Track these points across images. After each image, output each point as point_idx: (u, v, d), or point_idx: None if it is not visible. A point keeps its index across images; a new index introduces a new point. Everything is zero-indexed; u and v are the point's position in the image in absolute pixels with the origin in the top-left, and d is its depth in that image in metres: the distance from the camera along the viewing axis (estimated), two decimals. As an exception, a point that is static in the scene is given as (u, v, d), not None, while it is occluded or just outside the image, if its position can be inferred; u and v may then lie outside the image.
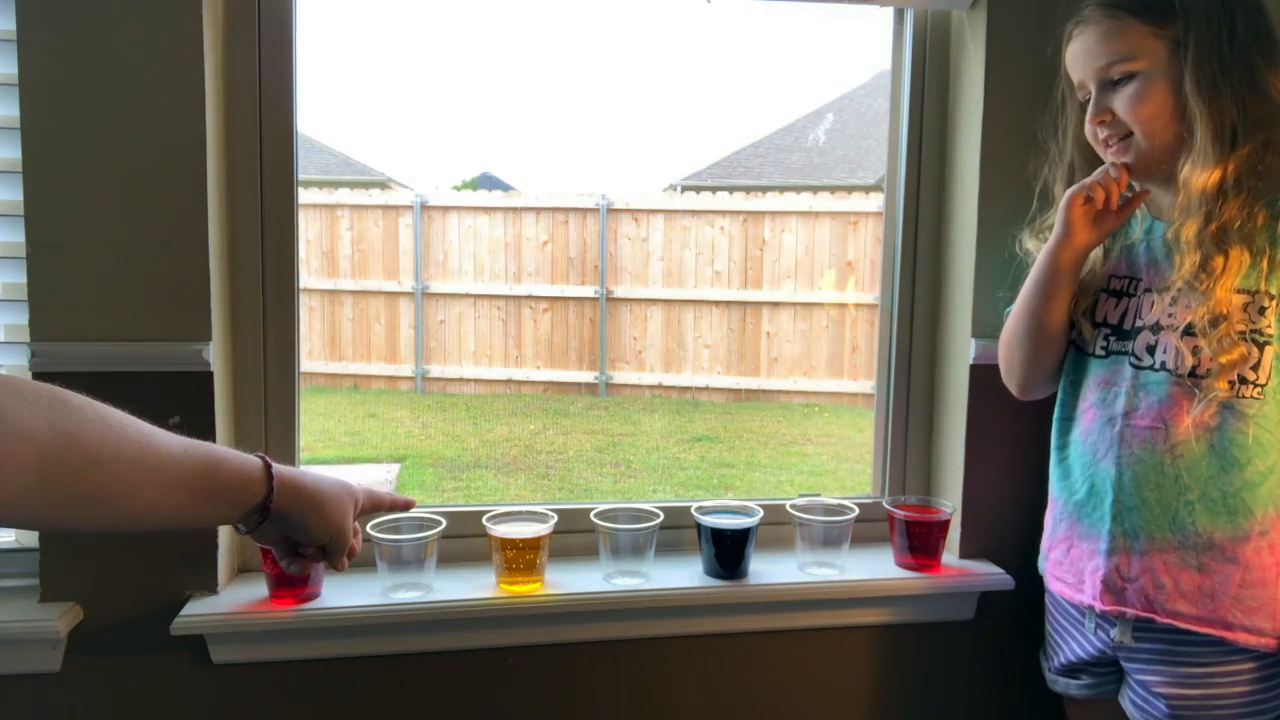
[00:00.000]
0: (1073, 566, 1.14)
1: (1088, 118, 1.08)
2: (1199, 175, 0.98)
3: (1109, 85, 1.05)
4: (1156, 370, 1.06)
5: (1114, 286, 1.13)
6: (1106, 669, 1.16)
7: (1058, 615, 1.22)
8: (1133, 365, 1.08)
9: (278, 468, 0.76)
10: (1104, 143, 1.08)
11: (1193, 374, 1.02)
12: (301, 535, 0.80)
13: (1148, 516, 1.05)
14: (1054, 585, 1.19)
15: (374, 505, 0.88)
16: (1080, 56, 1.08)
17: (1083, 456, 1.13)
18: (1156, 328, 1.06)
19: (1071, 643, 1.19)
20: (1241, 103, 0.98)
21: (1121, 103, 1.04)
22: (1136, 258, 1.12)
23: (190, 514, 0.70)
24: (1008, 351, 1.22)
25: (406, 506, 0.94)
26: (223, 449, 0.73)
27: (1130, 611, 1.06)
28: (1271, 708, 1.03)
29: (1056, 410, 1.20)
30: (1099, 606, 1.09)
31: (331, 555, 0.83)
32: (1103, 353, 1.12)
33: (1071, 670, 1.20)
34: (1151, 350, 1.06)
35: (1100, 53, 1.05)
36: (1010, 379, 1.24)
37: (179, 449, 0.68)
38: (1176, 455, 1.03)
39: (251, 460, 0.75)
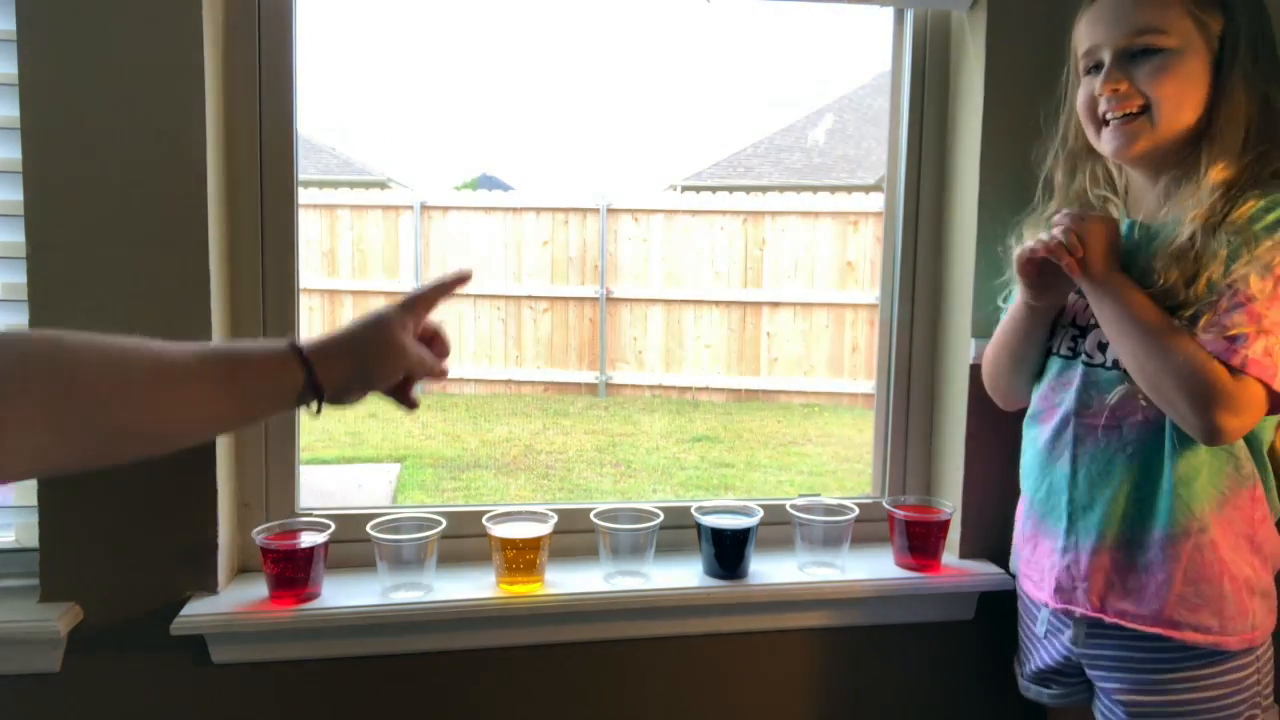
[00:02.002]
0: (1038, 564, 1.15)
1: (1097, 85, 1.03)
2: (1219, 169, 0.97)
3: (1128, 56, 1.01)
4: (1108, 368, 1.06)
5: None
6: (1075, 678, 1.16)
7: (1027, 620, 1.23)
8: (1085, 363, 1.08)
9: (308, 344, 0.73)
10: (1100, 119, 1.04)
11: None
12: (379, 385, 0.77)
13: (1099, 515, 1.06)
14: (1024, 584, 1.20)
15: (424, 308, 0.82)
16: (1103, 20, 1.02)
17: (1040, 455, 1.14)
18: None
19: (1041, 649, 1.19)
20: (1259, 110, 0.99)
21: (1145, 74, 0.99)
22: None
23: (235, 416, 0.69)
24: (992, 371, 1.23)
25: (458, 281, 0.85)
26: (244, 344, 0.71)
27: (1079, 611, 1.07)
28: (1233, 714, 1.02)
29: (1029, 408, 1.19)
30: (1051, 605, 1.11)
31: (423, 379, 0.79)
32: (1069, 353, 1.12)
33: (1042, 678, 1.20)
34: (1103, 348, 1.06)
35: (1132, 18, 0.99)
36: (995, 394, 1.25)
37: (191, 358, 0.66)
38: (1130, 454, 1.04)
39: (276, 346, 0.72)
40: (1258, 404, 0.94)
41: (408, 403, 0.82)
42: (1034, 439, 1.17)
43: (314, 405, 0.74)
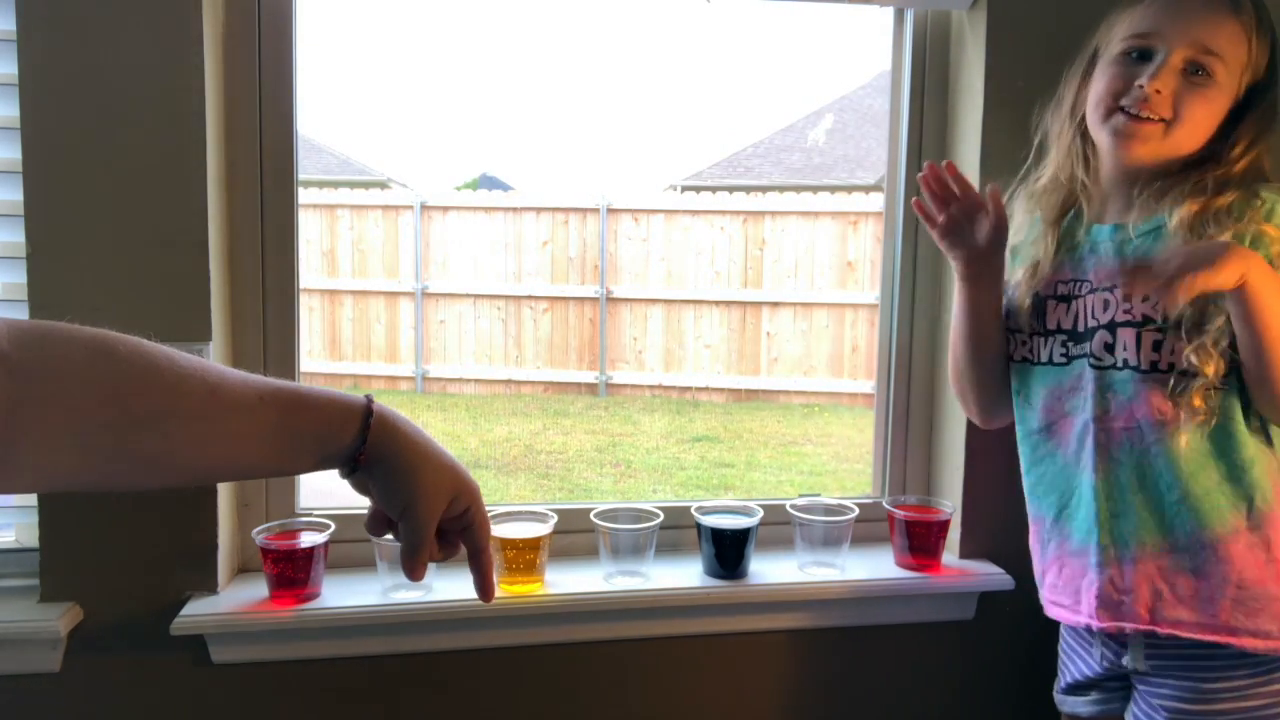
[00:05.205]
0: (1068, 586, 1.09)
1: (1142, 76, 0.99)
2: (1224, 199, 0.98)
3: (1182, 67, 0.99)
4: (1120, 369, 1.03)
5: (1060, 292, 1.10)
6: (1117, 684, 1.12)
7: (1067, 636, 1.18)
8: (1093, 366, 1.05)
9: (382, 410, 0.66)
10: (1117, 106, 1.02)
11: (1155, 368, 1.00)
12: (381, 495, 0.67)
13: (1136, 522, 1.02)
14: (1053, 611, 1.13)
15: (468, 509, 0.72)
16: (1181, 17, 0.99)
17: (1064, 469, 1.10)
18: (1113, 325, 1.03)
19: (1079, 662, 1.15)
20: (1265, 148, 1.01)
21: (1190, 97, 0.98)
22: (1081, 260, 1.09)
23: (273, 464, 0.62)
24: (958, 385, 1.22)
25: (483, 585, 0.75)
26: (315, 391, 0.64)
27: (1130, 626, 1.02)
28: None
29: (1019, 430, 1.16)
30: (1095, 624, 1.04)
31: (404, 544, 0.68)
32: (1063, 359, 1.09)
33: (1079, 688, 1.16)
34: (1110, 348, 1.04)
35: (1208, 34, 0.98)
36: (970, 410, 1.24)
37: (252, 398, 0.59)
38: (1155, 454, 1.00)
39: (347, 398, 0.65)
40: None
41: (404, 566, 0.69)
42: (1047, 453, 1.12)
43: (341, 471, 0.67)
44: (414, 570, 0.69)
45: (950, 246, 1.13)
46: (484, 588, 0.75)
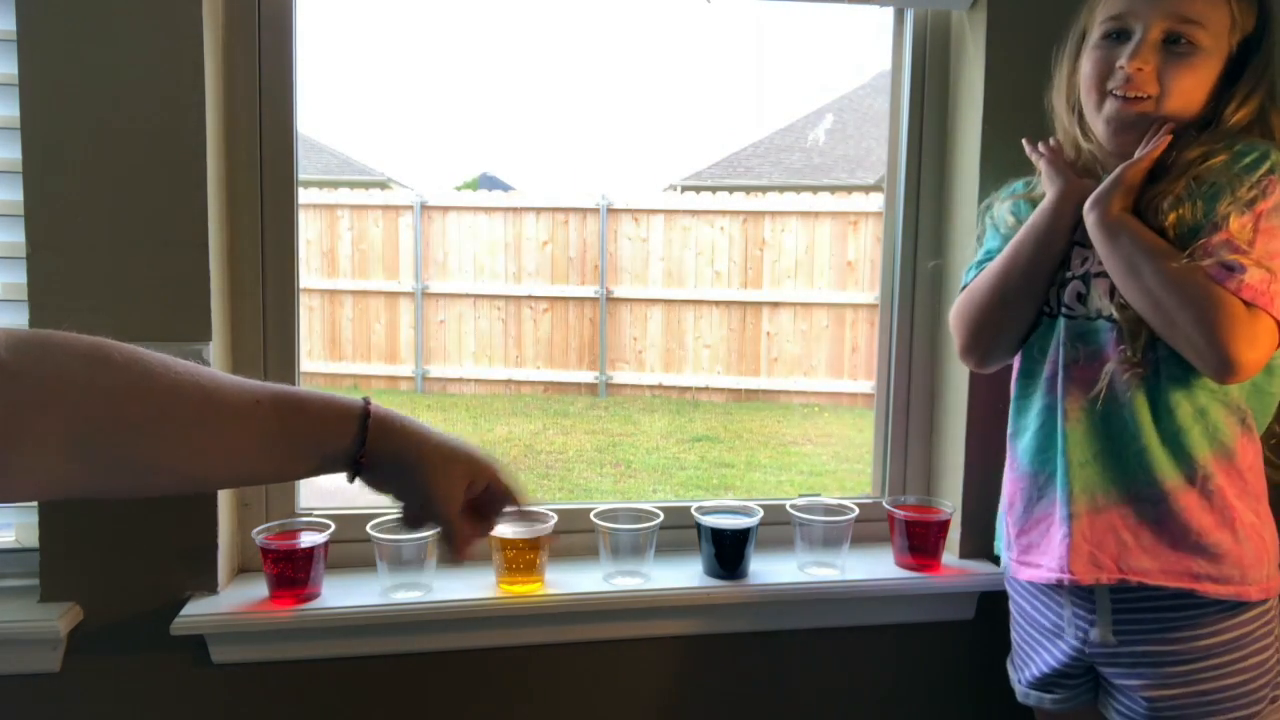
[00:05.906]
0: (1047, 545, 1.08)
1: (1122, 57, 1.00)
2: (1220, 159, 0.97)
3: (1161, 40, 0.99)
4: (1091, 319, 1.05)
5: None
6: (1080, 679, 1.13)
7: (1024, 624, 1.18)
8: (1065, 316, 1.07)
9: (380, 411, 0.66)
10: (1106, 91, 1.02)
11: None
12: (398, 494, 0.69)
13: (1100, 471, 1.03)
14: (1026, 574, 1.11)
15: (490, 485, 0.73)
16: None
17: (1037, 419, 1.10)
18: (1087, 276, 1.05)
19: (1043, 653, 1.15)
20: (1261, 108, 1.01)
21: (1174, 68, 0.98)
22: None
23: (273, 470, 0.63)
24: (979, 314, 1.11)
25: (523, 513, 0.79)
26: (312, 394, 0.64)
27: (1105, 577, 1.02)
28: (1259, 698, 1.00)
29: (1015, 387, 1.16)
30: (1066, 579, 1.03)
31: (444, 534, 0.71)
32: (1046, 310, 1.10)
33: (1044, 684, 1.16)
34: (1083, 299, 1.05)
35: (1186, 3, 0.98)
36: (977, 345, 1.14)
37: (248, 402, 0.59)
38: (1121, 403, 1.01)
39: (342, 401, 0.65)
40: (1270, 338, 0.93)
41: (451, 545, 0.73)
42: (1026, 408, 1.12)
43: (346, 476, 0.67)
44: (458, 554, 0.72)
45: (1055, 174, 1.08)
46: (524, 514, 0.81)
